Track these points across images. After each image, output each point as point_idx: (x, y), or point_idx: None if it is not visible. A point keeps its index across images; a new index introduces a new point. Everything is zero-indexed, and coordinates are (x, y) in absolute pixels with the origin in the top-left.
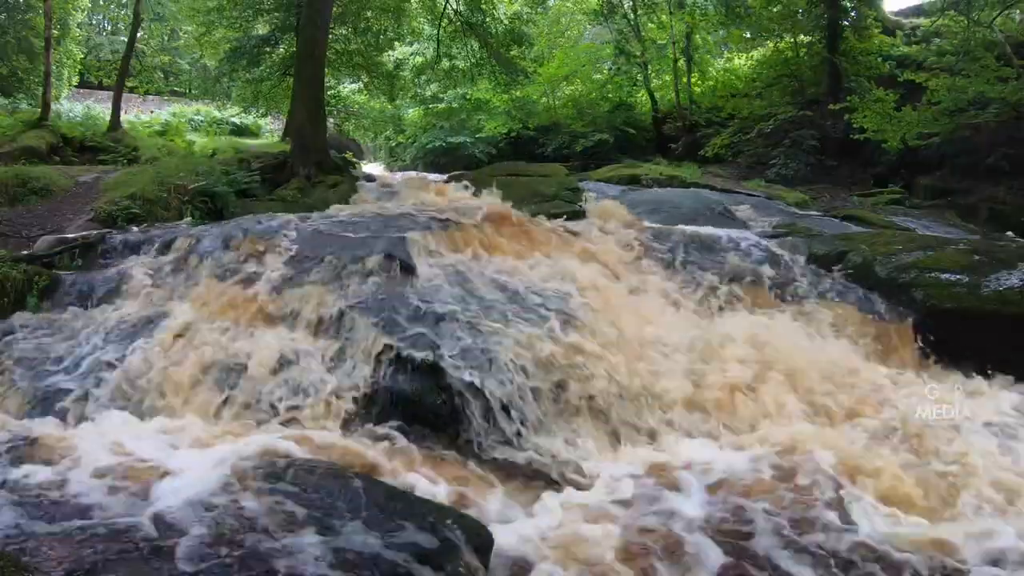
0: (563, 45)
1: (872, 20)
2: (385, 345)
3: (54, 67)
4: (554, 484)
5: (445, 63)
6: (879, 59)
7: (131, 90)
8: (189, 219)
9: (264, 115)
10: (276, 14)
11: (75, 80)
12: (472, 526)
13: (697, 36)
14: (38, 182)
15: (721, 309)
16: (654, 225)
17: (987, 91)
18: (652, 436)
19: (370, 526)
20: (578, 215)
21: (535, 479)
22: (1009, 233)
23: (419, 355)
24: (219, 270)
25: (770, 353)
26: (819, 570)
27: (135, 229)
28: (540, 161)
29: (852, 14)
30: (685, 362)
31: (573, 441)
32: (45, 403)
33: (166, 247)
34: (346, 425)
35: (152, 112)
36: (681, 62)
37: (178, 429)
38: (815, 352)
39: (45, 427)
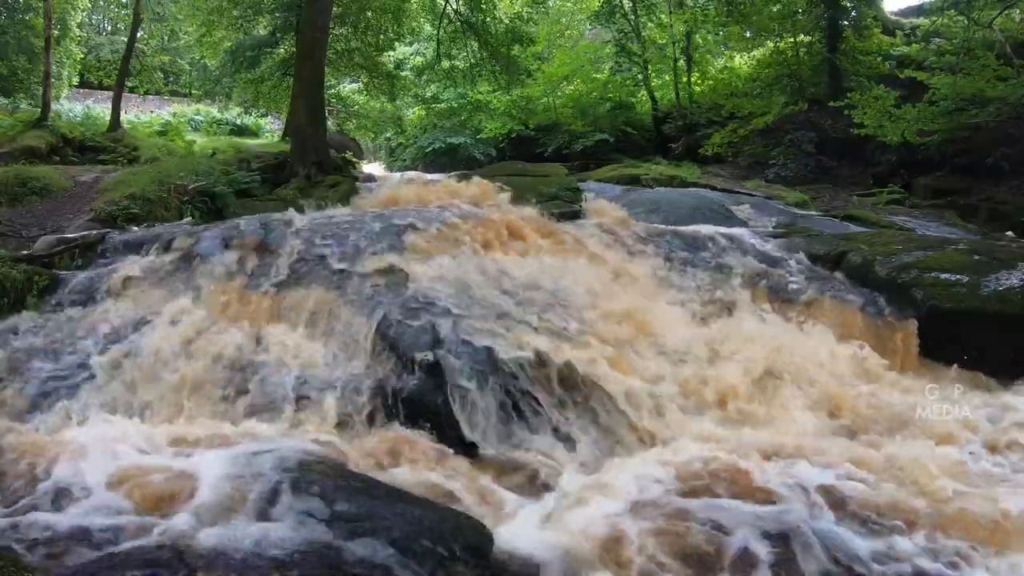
0: (563, 45)
1: (872, 20)
2: (385, 344)
3: (54, 67)
4: (553, 483)
5: (445, 63)
6: (879, 59)
7: (131, 90)
8: (189, 219)
9: (264, 115)
10: (276, 14)
11: (75, 80)
12: (472, 525)
13: (697, 36)
14: (38, 182)
15: (719, 310)
16: (654, 225)
17: (987, 90)
18: (651, 437)
19: (370, 525)
20: (578, 215)
21: (535, 478)
22: (1009, 233)
23: (419, 355)
24: (219, 270)
25: (769, 353)
26: None
27: (135, 229)
28: (540, 161)
29: (852, 14)
30: (683, 362)
31: (572, 440)
32: (46, 403)
33: (166, 247)
34: (347, 424)
35: (152, 112)
36: (681, 62)
37: (180, 428)
38: (815, 352)
39: (46, 427)
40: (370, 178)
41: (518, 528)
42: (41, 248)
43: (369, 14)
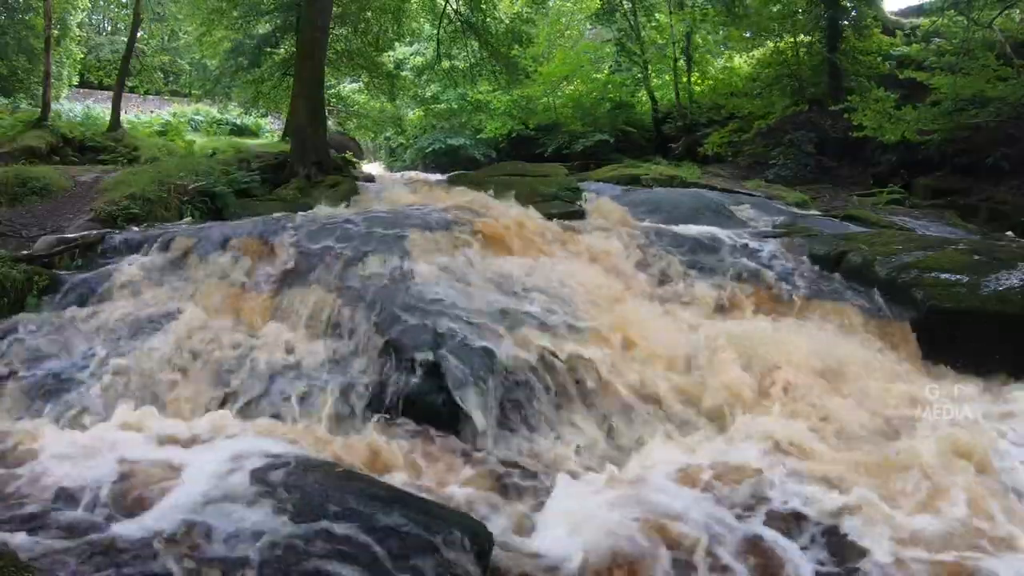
0: (563, 45)
1: (872, 20)
2: (385, 344)
3: (54, 67)
4: (554, 483)
5: (445, 63)
6: (879, 59)
7: (131, 90)
8: (189, 219)
9: (264, 115)
10: (276, 14)
11: (75, 80)
12: (472, 525)
13: (697, 36)
14: (38, 182)
15: (721, 309)
16: (654, 225)
17: (987, 90)
18: (651, 438)
19: (370, 525)
20: (577, 215)
21: (535, 478)
22: (1009, 233)
23: (420, 355)
24: (219, 269)
25: (769, 353)
26: None
27: (135, 229)
28: (540, 161)
29: (852, 14)
30: (684, 363)
31: (573, 441)
32: (45, 403)
33: (166, 247)
34: (347, 424)
35: (152, 112)
36: (681, 62)
37: (179, 428)
38: (814, 352)
39: (46, 426)
40: (370, 178)
41: (518, 529)
42: (41, 248)
43: (369, 14)
